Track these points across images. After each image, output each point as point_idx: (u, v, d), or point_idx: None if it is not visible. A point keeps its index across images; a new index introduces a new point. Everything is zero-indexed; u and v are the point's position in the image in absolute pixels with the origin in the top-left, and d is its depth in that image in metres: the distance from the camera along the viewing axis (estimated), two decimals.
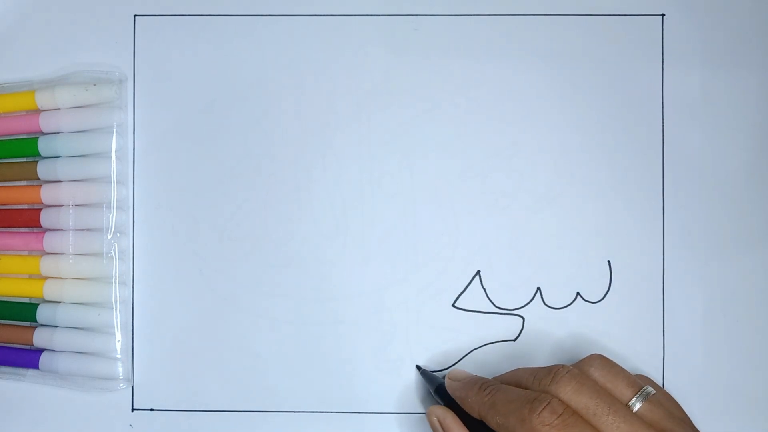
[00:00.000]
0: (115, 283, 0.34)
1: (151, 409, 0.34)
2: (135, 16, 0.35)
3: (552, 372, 0.27)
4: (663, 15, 0.34)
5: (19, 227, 0.35)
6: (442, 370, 0.34)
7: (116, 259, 0.34)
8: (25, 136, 0.34)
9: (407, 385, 0.34)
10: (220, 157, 0.34)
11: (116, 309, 0.34)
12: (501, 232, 0.34)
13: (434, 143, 0.34)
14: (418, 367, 0.34)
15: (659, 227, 0.34)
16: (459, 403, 0.29)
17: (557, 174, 0.34)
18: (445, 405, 0.30)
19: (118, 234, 0.34)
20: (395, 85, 0.34)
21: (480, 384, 0.29)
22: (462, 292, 0.34)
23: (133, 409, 0.34)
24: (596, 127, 0.34)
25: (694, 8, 0.34)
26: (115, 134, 0.34)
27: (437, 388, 0.32)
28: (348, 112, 0.34)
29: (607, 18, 0.34)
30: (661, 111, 0.34)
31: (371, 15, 0.34)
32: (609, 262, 0.34)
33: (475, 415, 0.28)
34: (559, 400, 0.26)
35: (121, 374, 0.34)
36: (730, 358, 0.34)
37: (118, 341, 0.34)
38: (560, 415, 0.25)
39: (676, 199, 0.34)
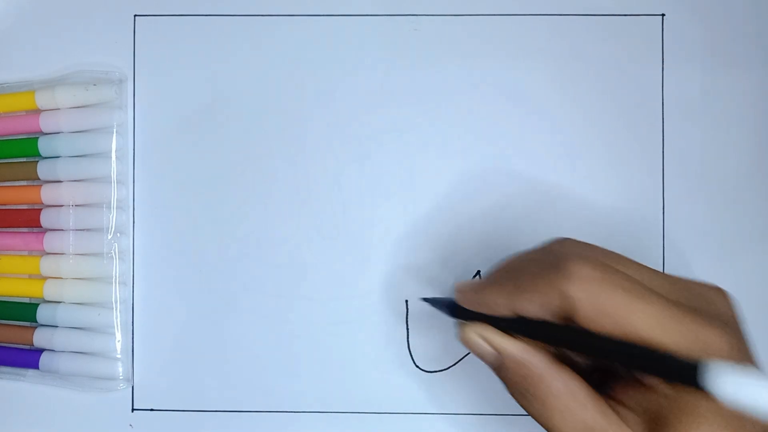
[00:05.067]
0: (115, 283, 0.34)
1: (151, 409, 0.34)
2: (135, 16, 0.35)
3: (554, 240, 0.27)
4: (663, 15, 0.34)
5: (19, 227, 0.35)
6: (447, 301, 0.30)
7: (116, 259, 0.34)
8: (25, 136, 0.34)
9: (407, 385, 0.34)
10: (220, 157, 0.34)
11: (116, 309, 0.34)
12: (501, 232, 0.34)
13: (434, 143, 0.34)
14: (425, 299, 0.31)
15: (659, 227, 0.34)
16: (482, 310, 0.26)
17: (557, 174, 0.34)
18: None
19: (118, 234, 0.34)
20: (395, 85, 0.34)
21: (494, 279, 0.26)
22: None
23: (133, 409, 0.34)
24: (596, 127, 0.34)
25: (694, 8, 0.34)
26: (115, 134, 0.34)
27: (449, 305, 0.28)
28: (348, 112, 0.34)
29: (607, 18, 0.34)
30: (661, 111, 0.34)
31: (371, 15, 0.34)
32: None
33: (505, 311, 0.25)
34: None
35: (121, 374, 0.34)
36: None
37: (118, 341, 0.34)
38: (595, 266, 0.23)
39: (676, 199, 0.34)
